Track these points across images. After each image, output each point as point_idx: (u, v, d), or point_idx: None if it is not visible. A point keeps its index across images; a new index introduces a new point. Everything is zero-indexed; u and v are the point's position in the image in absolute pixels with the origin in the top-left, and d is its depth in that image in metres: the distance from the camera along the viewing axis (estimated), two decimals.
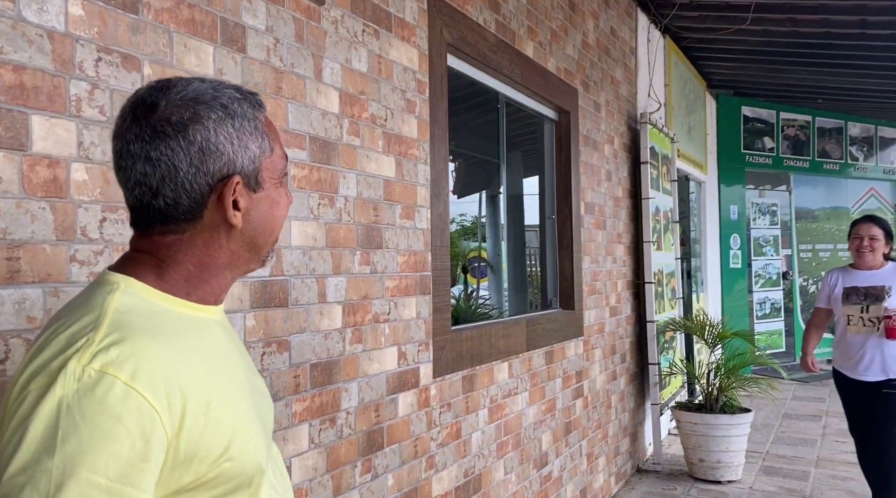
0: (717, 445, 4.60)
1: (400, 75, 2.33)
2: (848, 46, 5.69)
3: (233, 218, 0.86)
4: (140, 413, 0.71)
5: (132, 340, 0.75)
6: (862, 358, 3.46)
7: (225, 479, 0.80)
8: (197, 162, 0.83)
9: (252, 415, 0.87)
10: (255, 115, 0.88)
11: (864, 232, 3.50)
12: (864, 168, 9.82)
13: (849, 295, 3.52)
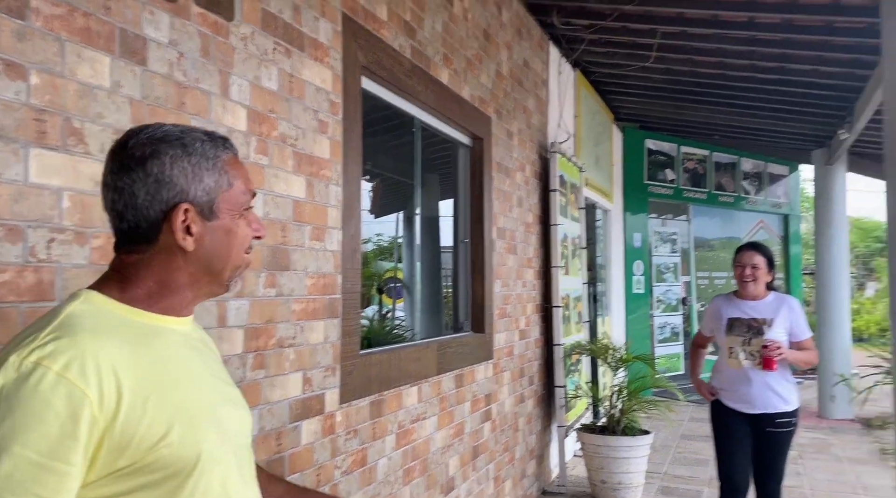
0: (619, 466, 4.74)
1: (312, 95, 2.30)
2: (741, 88, 6.12)
3: (182, 241, 0.98)
4: (70, 398, 0.83)
5: (72, 337, 0.87)
6: (749, 393, 3.37)
7: (163, 464, 0.89)
8: (153, 191, 0.97)
9: (204, 413, 0.97)
10: (217, 155, 1.02)
11: (747, 260, 3.40)
12: (754, 201, 10.51)
13: (732, 326, 3.41)
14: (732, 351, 3.40)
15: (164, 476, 0.89)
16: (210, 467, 0.93)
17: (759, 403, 3.34)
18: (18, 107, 1.34)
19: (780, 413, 3.32)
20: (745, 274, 3.38)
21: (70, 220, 1.45)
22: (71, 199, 1.45)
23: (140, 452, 0.87)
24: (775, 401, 3.33)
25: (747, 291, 3.41)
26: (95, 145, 1.51)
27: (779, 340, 3.29)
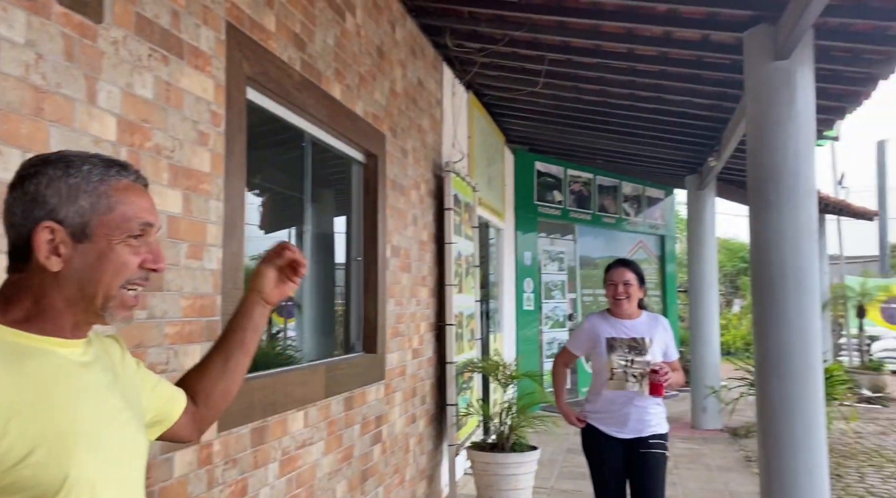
0: (508, 483, 4.80)
1: (192, 105, 2.18)
2: (621, 115, 6.46)
3: (44, 259, 0.97)
4: None
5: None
6: (626, 417, 3.25)
7: (23, 486, 0.89)
8: (27, 209, 0.98)
9: (81, 435, 0.95)
10: (102, 179, 1.01)
11: (618, 278, 3.30)
12: (634, 223, 11.11)
13: (612, 346, 3.27)
14: (615, 373, 3.25)
15: (28, 496, 0.89)
16: (79, 490, 0.92)
17: (634, 427, 3.25)
18: None
19: (653, 435, 3.26)
20: (619, 291, 3.29)
21: None
22: None
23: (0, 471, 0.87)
24: (649, 424, 3.27)
25: (622, 309, 3.31)
26: None
27: (657, 361, 3.23)
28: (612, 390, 3.24)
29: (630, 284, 3.28)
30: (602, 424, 3.31)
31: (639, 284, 3.31)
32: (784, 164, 3.52)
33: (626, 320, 3.32)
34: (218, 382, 1.29)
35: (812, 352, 3.52)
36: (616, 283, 3.30)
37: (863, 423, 8.80)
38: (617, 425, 3.26)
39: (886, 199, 20.53)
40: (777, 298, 3.52)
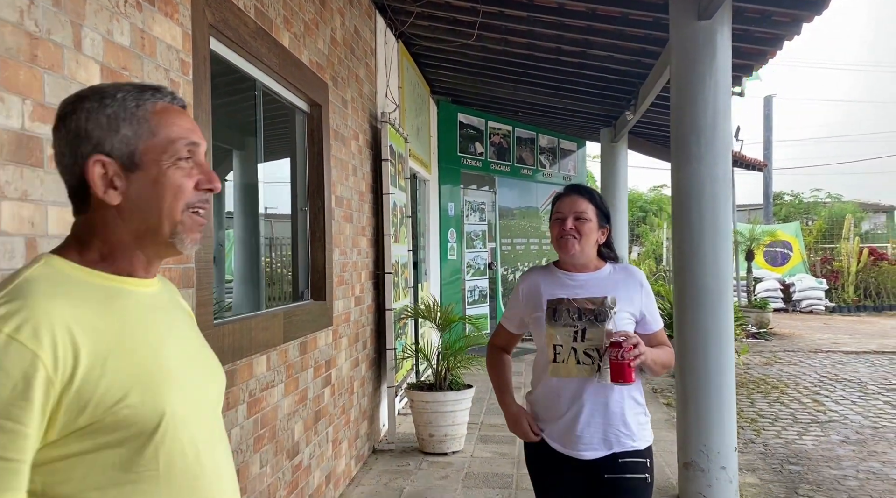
0: (446, 419, 5.08)
1: (164, 53, 2.18)
2: (546, 69, 6.68)
3: (103, 195, 0.96)
4: (21, 359, 0.82)
5: (25, 300, 0.86)
6: (576, 418, 2.12)
7: (124, 424, 0.90)
8: (74, 147, 0.96)
9: (169, 375, 0.97)
10: (138, 104, 0.98)
11: (567, 209, 2.17)
12: (549, 174, 11.52)
13: (556, 311, 2.14)
14: (559, 351, 2.13)
15: (126, 436, 0.90)
16: (175, 428, 0.94)
17: (593, 437, 2.12)
18: None
19: (626, 452, 2.13)
20: (566, 228, 2.15)
21: None
22: None
23: (99, 412, 0.88)
24: (619, 432, 2.13)
25: (569, 252, 2.16)
26: None
27: (626, 328, 2.12)
28: (556, 378, 2.14)
29: (585, 218, 2.16)
30: (548, 434, 2.20)
31: (599, 220, 2.20)
32: (705, 118, 3.84)
33: (580, 274, 2.21)
34: None
35: (725, 290, 3.94)
36: (565, 215, 2.17)
37: (751, 355, 9.77)
38: (566, 437, 2.15)
39: (772, 151, 22.14)
40: (696, 242, 3.89)
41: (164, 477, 0.93)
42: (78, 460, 0.88)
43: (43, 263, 0.94)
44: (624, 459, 2.12)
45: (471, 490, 4.27)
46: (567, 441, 2.14)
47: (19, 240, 1.55)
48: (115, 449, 0.89)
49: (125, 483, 0.90)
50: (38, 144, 1.60)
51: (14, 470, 0.82)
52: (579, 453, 2.13)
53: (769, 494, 4.30)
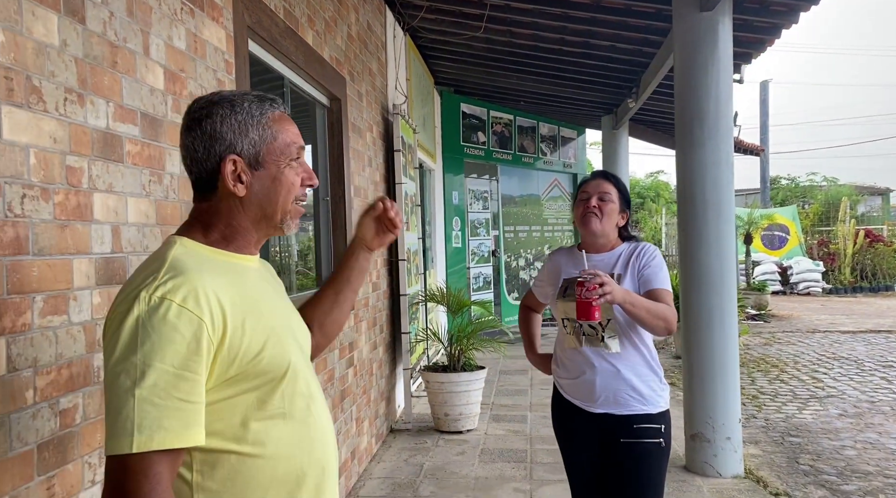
0: (460, 399, 5.29)
1: (212, 55, 2.36)
2: (550, 59, 6.84)
3: (232, 187, 1.15)
4: (190, 323, 1.02)
5: (184, 276, 1.05)
6: (590, 381, 2.31)
7: (262, 372, 1.10)
8: (208, 146, 1.15)
9: (284, 331, 1.18)
10: (262, 112, 1.18)
11: (593, 190, 2.35)
12: (550, 162, 11.69)
13: (566, 288, 2.34)
14: (567, 324, 2.36)
15: (263, 381, 1.11)
16: (295, 373, 1.16)
17: (602, 396, 2.29)
18: None
19: (639, 415, 2.25)
20: (590, 205, 2.33)
21: (36, 176, 1.47)
22: (36, 156, 1.47)
23: (244, 363, 1.08)
24: (628, 396, 2.26)
25: (590, 228, 2.33)
26: (51, 103, 1.53)
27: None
28: (569, 348, 2.38)
29: (609, 199, 2.34)
30: (567, 391, 2.41)
31: (621, 204, 2.38)
32: (707, 105, 4.02)
33: (595, 255, 2.37)
34: (330, 314, 1.48)
35: (728, 270, 4.13)
36: (589, 195, 2.35)
37: (750, 336, 10.00)
38: (582, 394, 2.35)
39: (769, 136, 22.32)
40: (699, 224, 4.08)
41: (289, 413, 1.14)
42: (226, 403, 1.08)
43: (179, 244, 1.13)
44: (639, 424, 2.24)
45: (487, 464, 4.48)
46: (581, 397, 2.34)
47: (107, 227, 1.73)
48: (253, 392, 1.10)
49: (261, 418, 1.11)
50: (119, 142, 1.79)
51: (198, 411, 1.02)
52: (591, 407, 2.31)
53: (772, 463, 4.52)
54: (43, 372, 1.49)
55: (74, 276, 1.60)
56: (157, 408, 0.97)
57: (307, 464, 1.16)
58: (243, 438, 1.09)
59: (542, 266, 2.60)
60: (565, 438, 2.43)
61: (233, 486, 1.08)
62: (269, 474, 1.11)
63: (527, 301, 2.71)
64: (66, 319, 1.57)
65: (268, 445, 1.11)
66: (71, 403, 1.58)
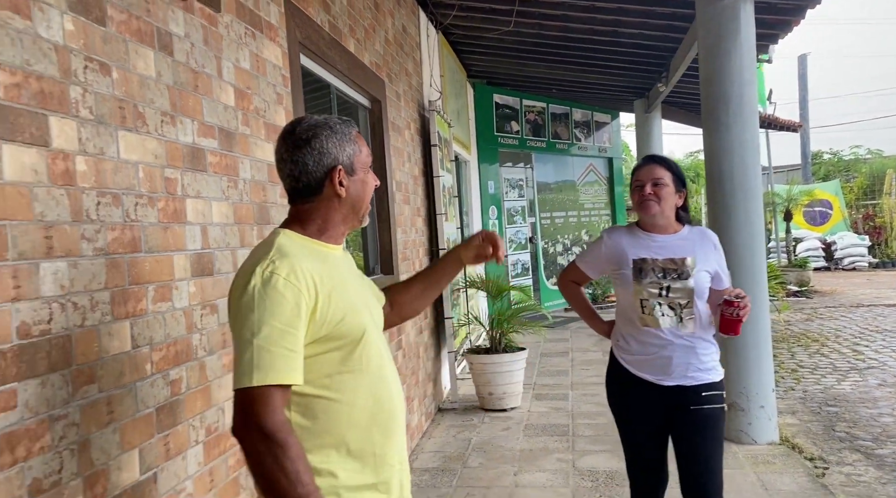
0: (503, 379, 5.56)
1: (271, 71, 2.65)
2: (579, 48, 7.01)
3: (339, 191, 1.48)
4: (293, 292, 1.32)
5: (287, 257, 1.36)
6: (664, 357, 2.44)
7: (344, 334, 1.40)
8: (318, 160, 1.46)
9: (362, 305, 1.47)
10: (349, 132, 1.51)
11: (646, 176, 2.46)
12: (584, 147, 11.81)
13: (642, 270, 2.45)
14: (645, 305, 2.45)
15: (344, 342, 1.40)
16: (369, 338, 1.44)
17: (679, 372, 2.44)
18: (109, 98, 1.65)
19: (707, 384, 2.44)
20: (646, 193, 2.44)
21: (144, 187, 1.78)
22: (143, 171, 1.78)
23: (330, 327, 1.38)
24: (698, 369, 2.44)
25: (650, 214, 2.45)
26: (153, 125, 1.83)
27: (704, 285, 2.43)
28: (644, 328, 2.46)
29: (662, 183, 2.45)
30: (634, 366, 2.52)
31: (676, 186, 2.48)
32: (731, 89, 4.18)
33: (660, 235, 2.49)
34: (413, 302, 1.80)
35: (757, 248, 4.29)
36: (643, 182, 2.47)
37: (791, 313, 10.01)
38: (654, 369, 2.47)
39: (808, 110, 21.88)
40: (728, 204, 4.25)
41: (366, 369, 1.43)
42: (316, 359, 1.37)
43: (283, 235, 1.44)
44: (706, 391, 2.43)
45: (531, 438, 4.75)
46: (654, 372, 2.46)
47: (197, 228, 2.04)
48: (337, 351, 1.39)
49: (343, 372, 1.40)
50: (202, 154, 2.09)
51: (298, 358, 1.32)
52: (663, 381, 2.45)
53: (808, 431, 4.67)
54: (157, 349, 1.81)
55: (175, 269, 1.91)
56: (270, 353, 1.27)
57: (378, 411, 1.44)
58: (328, 387, 1.39)
59: (595, 244, 2.65)
60: (627, 410, 2.54)
61: (320, 423, 1.38)
62: (348, 416, 1.40)
63: (571, 276, 2.77)
64: (171, 305, 1.88)
65: (347, 393, 1.40)
66: (178, 375, 1.90)
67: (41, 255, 1.41)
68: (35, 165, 1.40)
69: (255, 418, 1.26)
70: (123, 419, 1.64)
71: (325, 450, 1.38)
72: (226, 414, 2.16)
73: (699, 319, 2.42)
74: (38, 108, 1.42)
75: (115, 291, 1.64)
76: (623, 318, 2.57)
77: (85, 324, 1.53)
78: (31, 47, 1.40)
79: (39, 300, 1.40)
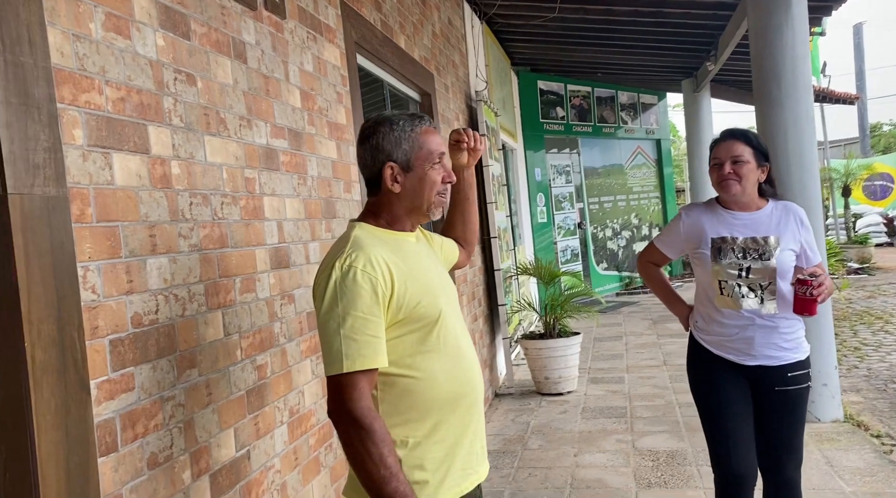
0: (558, 363, 5.62)
1: (331, 72, 2.78)
2: (623, 30, 6.97)
3: (391, 186, 1.54)
4: (371, 282, 1.42)
5: (362, 249, 1.45)
6: (747, 337, 2.37)
7: (420, 317, 1.49)
8: (374, 156, 1.55)
9: (437, 289, 1.55)
10: (412, 128, 1.55)
11: (724, 154, 2.36)
12: (631, 130, 11.68)
13: (721, 250, 2.38)
14: (724, 287, 2.38)
15: (421, 325, 1.50)
16: (445, 320, 1.53)
17: (762, 352, 2.37)
18: (195, 106, 1.79)
19: (793, 364, 2.37)
20: (726, 172, 2.35)
21: (228, 187, 1.93)
22: (227, 172, 1.93)
23: (407, 311, 1.47)
24: (782, 348, 2.37)
25: (731, 193, 2.37)
26: (232, 129, 1.97)
27: (788, 264, 2.34)
28: (724, 309, 2.40)
29: (742, 160, 2.34)
30: (715, 347, 2.46)
31: (758, 160, 2.37)
32: (784, 64, 4.13)
33: (742, 213, 2.40)
34: (465, 227, 1.90)
35: (815, 222, 4.23)
36: (722, 160, 2.37)
37: (853, 290, 9.75)
38: (736, 351, 2.41)
39: (865, 81, 21.07)
40: (783, 182, 4.20)
41: (443, 349, 1.52)
42: (397, 340, 1.48)
43: (358, 227, 1.54)
44: (793, 372, 2.35)
45: (589, 420, 4.81)
46: (736, 352, 2.38)
47: (273, 223, 2.18)
48: (415, 333, 1.49)
49: (422, 352, 1.50)
50: (275, 154, 2.23)
51: (382, 343, 1.42)
52: (746, 361, 2.37)
53: (874, 409, 4.61)
54: (245, 336, 1.95)
55: (257, 262, 2.06)
56: (356, 342, 1.39)
57: (457, 388, 1.54)
58: (410, 366, 1.49)
59: (673, 223, 2.56)
60: (711, 391, 2.45)
61: (404, 400, 1.49)
62: (430, 393, 1.50)
63: (650, 258, 2.67)
64: (255, 296, 2.03)
65: (427, 371, 1.50)
66: (263, 361, 2.05)
67: (147, 252, 1.56)
68: (139, 171, 1.55)
69: (345, 404, 1.37)
70: (220, 401, 1.79)
71: (410, 424, 1.49)
72: (305, 397, 2.30)
73: (782, 300, 2.31)
74: (138, 118, 1.56)
75: (208, 284, 1.79)
76: (702, 298, 2.49)
77: (185, 314, 1.68)
78: (131, 64, 1.55)
79: (147, 293, 1.55)
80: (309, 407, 2.32)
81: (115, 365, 1.43)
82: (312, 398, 2.35)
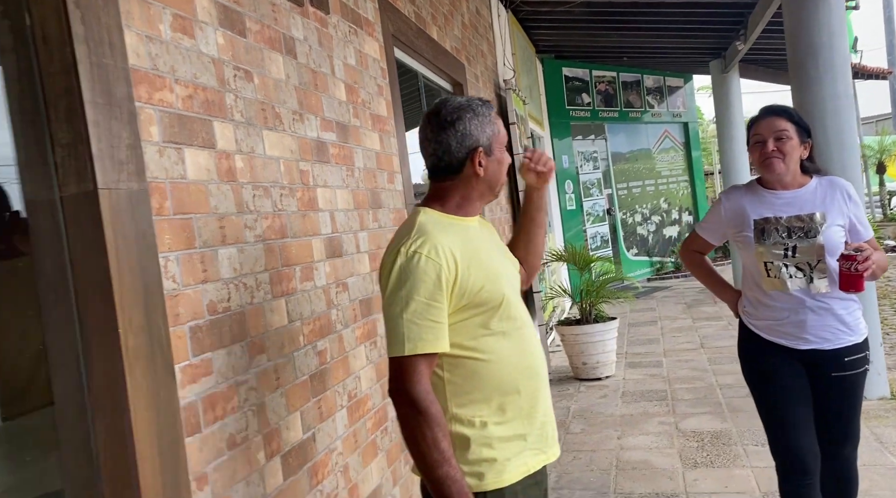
0: (595, 349, 5.64)
1: (372, 65, 2.83)
2: (649, 13, 6.91)
3: (479, 171, 1.58)
4: (435, 269, 1.45)
5: (428, 235, 1.49)
6: (798, 321, 2.29)
7: (484, 301, 1.52)
8: (461, 141, 1.56)
9: (500, 273, 1.58)
10: (489, 113, 1.60)
11: (766, 131, 2.27)
12: (658, 114, 11.58)
13: (764, 231, 2.29)
14: (770, 268, 2.29)
15: (485, 309, 1.53)
16: (508, 303, 1.56)
17: (815, 335, 2.27)
18: (253, 101, 1.86)
19: (849, 347, 2.28)
20: (769, 150, 2.25)
21: (285, 179, 1.99)
22: (283, 165, 1.99)
23: (471, 295, 1.50)
24: (837, 331, 2.27)
25: (775, 173, 2.27)
26: (287, 123, 2.03)
27: (837, 241, 2.22)
28: (771, 291, 2.32)
29: (786, 136, 2.25)
30: (766, 332, 2.37)
31: (800, 136, 2.28)
32: (820, 40, 4.08)
33: (785, 191, 2.31)
34: (528, 251, 1.85)
35: None
36: (764, 138, 2.27)
37: (890, 269, 9.57)
38: (789, 335, 2.32)
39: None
40: (824, 158, 4.15)
41: (507, 331, 1.56)
42: (461, 324, 1.51)
43: (423, 213, 1.57)
44: (849, 356, 2.26)
45: (630, 404, 4.82)
46: (788, 336, 2.30)
47: (327, 214, 2.24)
48: (479, 316, 1.53)
49: (485, 335, 1.54)
50: (325, 147, 2.29)
51: (443, 328, 1.46)
52: (798, 345, 2.29)
53: None
54: (306, 322, 2.02)
55: (314, 252, 2.12)
56: (418, 326, 1.43)
57: (522, 369, 1.58)
58: (474, 348, 1.53)
59: (714, 208, 2.48)
60: (765, 379, 2.37)
61: (469, 380, 1.53)
62: (496, 374, 1.54)
63: (694, 246, 2.59)
64: (313, 284, 2.09)
65: (491, 353, 1.54)
66: (323, 346, 2.11)
67: (218, 242, 1.62)
68: (207, 165, 1.61)
69: (404, 385, 1.41)
70: (287, 385, 1.86)
71: (476, 404, 1.53)
72: (361, 382, 2.37)
73: (833, 278, 2.21)
74: (205, 115, 1.62)
75: (272, 273, 1.85)
76: (749, 282, 2.41)
77: (253, 301, 1.74)
78: (196, 62, 1.61)
79: (220, 282, 1.61)
80: (365, 391, 2.39)
81: (196, 350, 1.50)
82: (368, 383, 2.42)
